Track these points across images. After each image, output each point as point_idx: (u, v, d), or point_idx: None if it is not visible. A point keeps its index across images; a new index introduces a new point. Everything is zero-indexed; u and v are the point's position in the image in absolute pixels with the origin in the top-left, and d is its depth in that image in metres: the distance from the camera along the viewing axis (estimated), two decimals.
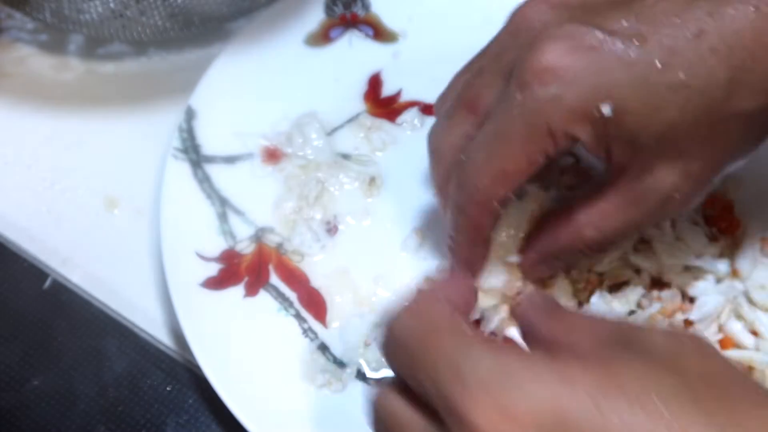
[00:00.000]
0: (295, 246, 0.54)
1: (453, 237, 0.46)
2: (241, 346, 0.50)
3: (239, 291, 0.51)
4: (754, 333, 0.49)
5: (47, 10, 0.54)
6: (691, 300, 0.49)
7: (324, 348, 0.51)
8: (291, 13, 0.60)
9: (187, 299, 0.50)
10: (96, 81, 0.62)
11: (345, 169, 0.56)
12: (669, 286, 0.49)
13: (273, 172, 0.56)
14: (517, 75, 0.40)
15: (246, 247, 0.53)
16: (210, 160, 0.55)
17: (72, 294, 0.54)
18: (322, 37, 0.61)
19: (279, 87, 0.59)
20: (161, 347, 0.53)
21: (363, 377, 0.50)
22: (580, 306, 0.48)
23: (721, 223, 0.52)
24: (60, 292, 0.54)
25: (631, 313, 0.48)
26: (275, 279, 0.52)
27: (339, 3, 0.61)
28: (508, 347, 0.34)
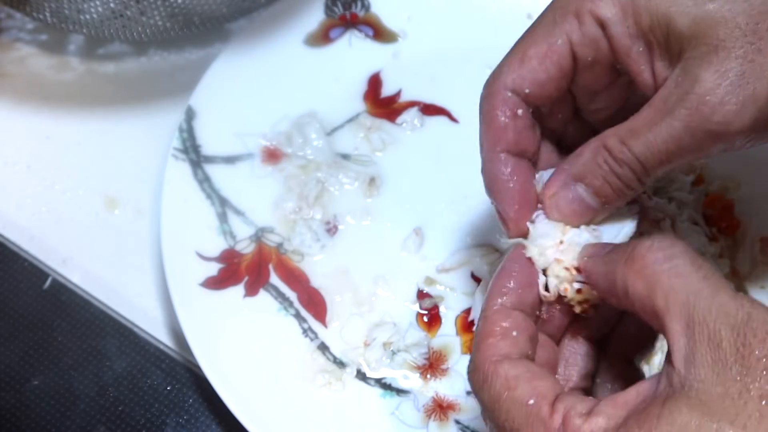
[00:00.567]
0: (295, 246, 0.54)
1: (481, 152, 0.42)
2: (241, 346, 0.50)
3: (239, 291, 0.51)
4: None
5: (47, 10, 0.53)
6: None
7: (324, 348, 0.51)
8: (291, 13, 0.60)
9: (187, 299, 0.50)
10: (96, 81, 0.62)
11: (345, 169, 0.56)
12: None
13: (273, 172, 0.56)
14: None
15: (246, 247, 0.53)
16: (210, 160, 0.55)
17: (72, 294, 0.54)
18: (321, 38, 0.61)
19: (279, 87, 0.59)
20: (161, 347, 0.53)
21: (363, 377, 0.50)
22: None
23: (721, 223, 0.52)
24: (60, 292, 0.54)
25: None
26: (275, 279, 0.52)
27: (339, 3, 0.61)
28: None
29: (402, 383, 0.50)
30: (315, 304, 0.52)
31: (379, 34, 0.61)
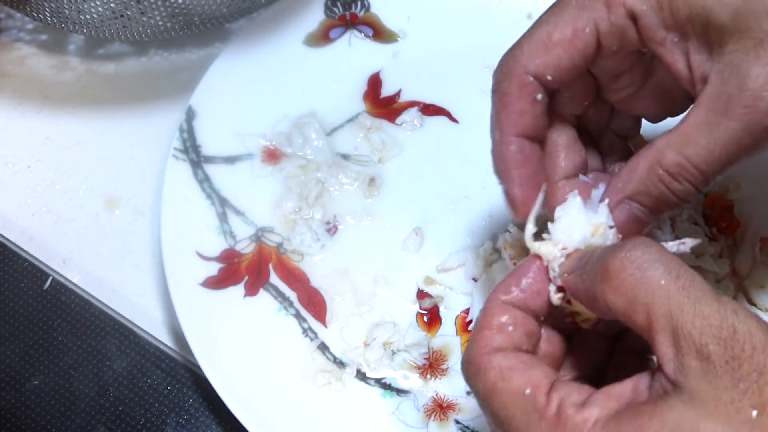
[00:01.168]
0: (295, 246, 0.54)
1: (492, 137, 0.41)
2: (241, 345, 0.50)
3: (239, 290, 0.51)
4: None
5: (47, 10, 0.53)
6: None
7: (324, 348, 0.51)
8: (291, 14, 0.60)
9: (187, 299, 0.50)
10: (96, 81, 0.62)
11: (345, 169, 0.56)
12: None
13: (273, 172, 0.56)
14: None
15: (246, 247, 0.53)
16: (210, 160, 0.55)
17: (72, 294, 0.54)
18: (321, 38, 0.61)
19: (279, 87, 0.59)
20: (161, 347, 0.53)
21: (363, 377, 0.50)
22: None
23: (721, 223, 0.52)
24: (60, 292, 0.54)
25: None
26: (275, 278, 0.52)
27: (339, 3, 0.61)
28: (575, 428, 0.32)
29: (402, 383, 0.50)
30: (315, 304, 0.52)
31: (379, 34, 0.61)
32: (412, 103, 0.59)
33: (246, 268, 0.52)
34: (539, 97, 0.39)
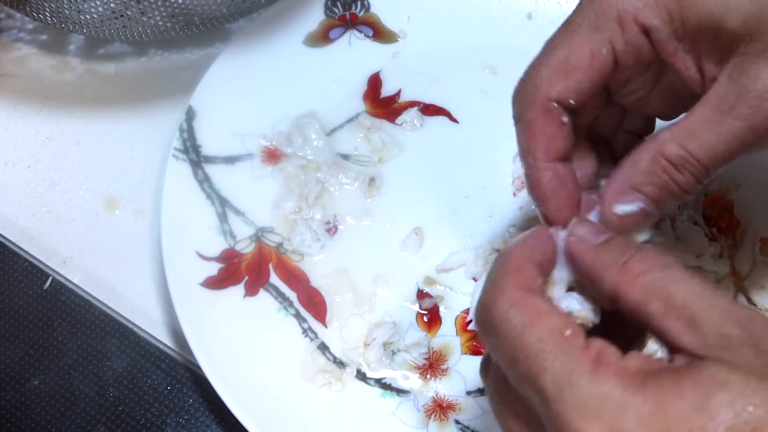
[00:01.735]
0: (295, 246, 0.54)
1: (524, 168, 0.41)
2: (241, 345, 0.50)
3: (239, 290, 0.51)
4: None
5: (47, 10, 0.53)
6: None
7: (324, 348, 0.51)
8: (291, 14, 0.60)
9: (187, 299, 0.50)
10: (96, 81, 0.62)
11: (345, 169, 0.56)
12: None
13: (273, 172, 0.56)
14: None
15: (246, 247, 0.53)
16: (210, 160, 0.55)
17: (72, 294, 0.54)
18: (321, 38, 0.61)
19: (279, 87, 0.59)
20: (161, 347, 0.53)
21: (363, 377, 0.50)
22: None
23: (721, 223, 0.52)
24: (60, 292, 0.54)
25: None
26: (275, 278, 0.52)
27: (339, 3, 0.62)
28: (616, 373, 0.31)
29: (402, 383, 0.50)
30: (315, 304, 0.52)
31: (379, 34, 0.61)
32: (412, 103, 0.59)
33: (246, 268, 0.52)
34: (565, 120, 0.40)
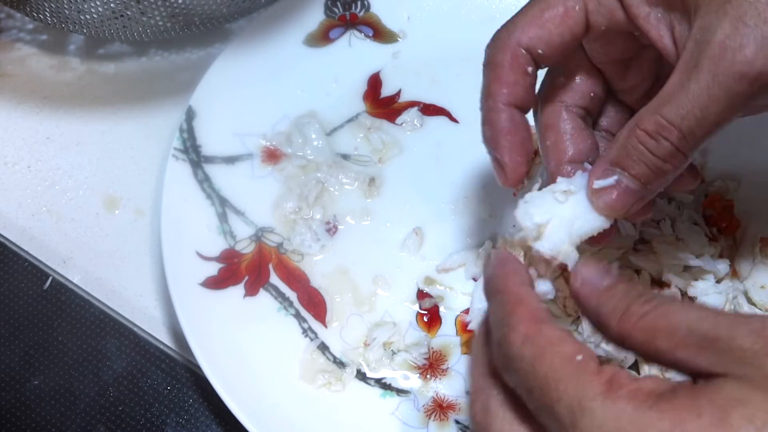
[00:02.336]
0: (295, 246, 0.54)
1: (482, 113, 0.43)
2: (241, 345, 0.50)
3: (239, 290, 0.51)
4: None
5: (47, 10, 0.53)
6: (691, 300, 0.49)
7: (324, 348, 0.51)
8: (291, 14, 0.60)
9: (187, 299, 0.50)
10: (96, 81, 0.62)
11: (345, 169, 0.56)
12: (669, 286, 0.49)
13: (273, 172, 0.56)
14: None
15: (246, 247, 0.53)
16: (210, 160, 0.55)
17: (72, 294, 0.54)
18: (321, 38, 0.61)
19: (279, 87, 0.59)
20: (161, 347, 0.53)
21: (363, 377, 0.50)
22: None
23: (721, 223, 0.52)
24: (60, 292, 0.54)
25: None
26: (275, 278, 0.52)
27: (339, 3, 0.62)
28: (630, 393, 0.31)
29: (402, 383, 0.50)
30: (315, 304, 0.52)
31: (379, 34, 0.61)
32: (412, 103, 0.59)
33: (246, 268, 0.52)
34: (530, 70, 0.42)
